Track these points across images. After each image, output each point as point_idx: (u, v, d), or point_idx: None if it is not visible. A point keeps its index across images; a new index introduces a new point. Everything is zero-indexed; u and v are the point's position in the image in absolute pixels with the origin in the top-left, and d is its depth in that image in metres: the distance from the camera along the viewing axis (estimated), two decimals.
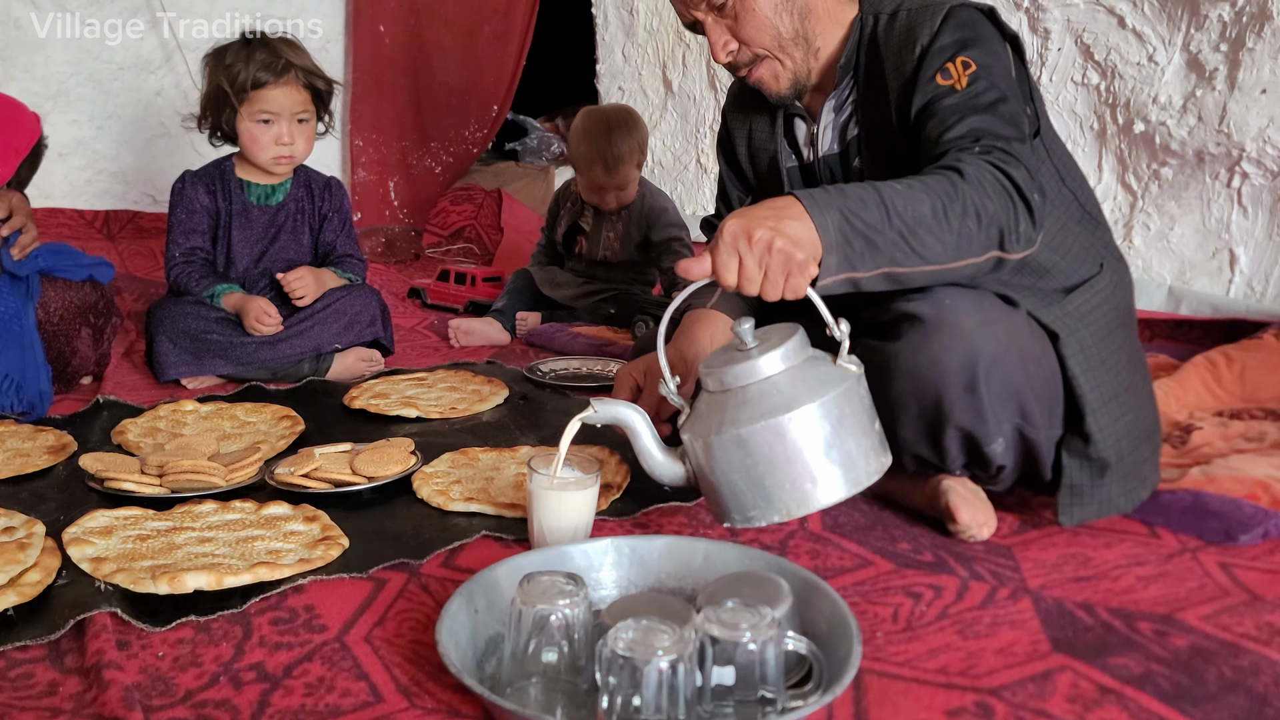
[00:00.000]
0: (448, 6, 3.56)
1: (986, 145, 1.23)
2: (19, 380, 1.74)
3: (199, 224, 2.17)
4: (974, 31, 1.32)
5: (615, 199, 2.58)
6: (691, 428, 1.14)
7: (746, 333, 1.12)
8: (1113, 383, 1.30)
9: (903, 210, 1.14)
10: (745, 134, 1.59)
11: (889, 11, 1.40)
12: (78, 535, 1.24)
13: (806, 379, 1.09)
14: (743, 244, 1.08)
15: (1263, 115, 1.95)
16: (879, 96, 1.39)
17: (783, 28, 1.39)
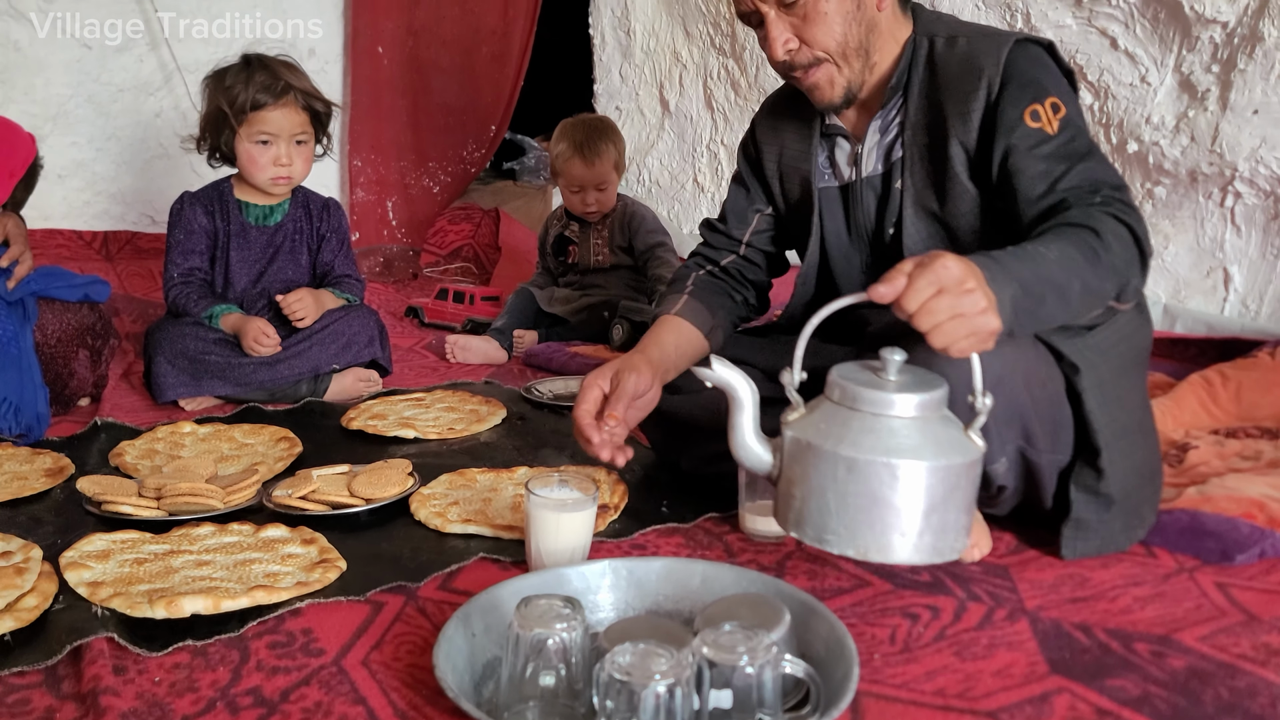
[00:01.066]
0: (446, 28, 3.59)
1: (1106, 197, 1.22)
2: (17, 403, 1.75)
3: (197, 245, 2.18)
4: (1048, 72, 1.32)
5: (596, 201, 2.62)
6: (803, 428, 1.11)
7: (894, 364, 1.08)
8: (1126, 419, 1.30)
9: (1064, 285, 1.13)
10: (777, 149, 1.57)
11: (947, 35, 1.39)
12: (75, 559, 1.24)
13: (938, 436, 1.06)
14: (953, 288, 1.03)
15: (1255, 135, 1.96)
16: (932, 121, 1.38)
17: (850, 35, 1.37)
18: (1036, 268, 1.11)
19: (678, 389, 1.57)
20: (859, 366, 1.13)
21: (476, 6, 3.59)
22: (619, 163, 2.64)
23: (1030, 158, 1.28)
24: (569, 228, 2.73)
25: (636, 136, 3.54)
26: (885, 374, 1.09)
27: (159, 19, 3.18)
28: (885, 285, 1.05)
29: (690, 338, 1.52)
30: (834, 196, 1.51)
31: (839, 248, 1.53)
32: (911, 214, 1.41)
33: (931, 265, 1.04)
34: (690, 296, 1.56)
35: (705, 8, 3.20)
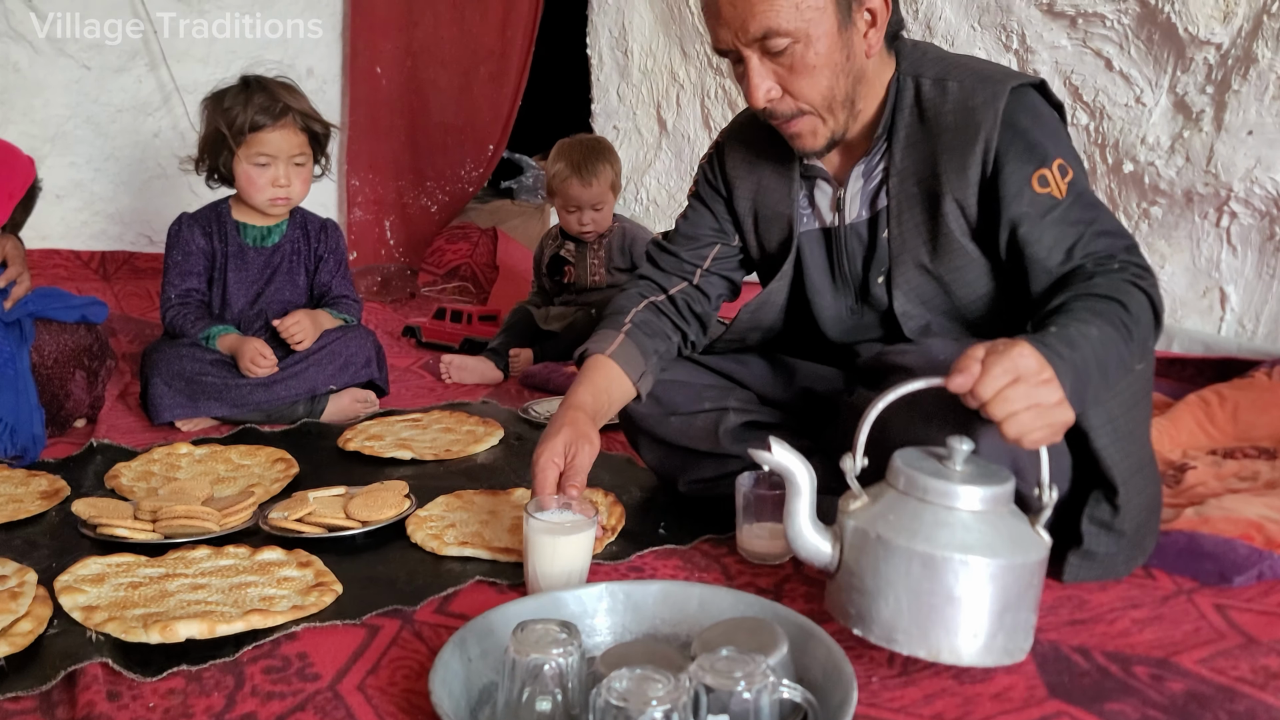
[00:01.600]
0: (444, 48, 3.61)
1: (1123, 262, 1.22)
2: (12, 424, 1.74)
3: (195, 266, 2.18)
4: (1046, 125, 1.30)
5: (592, 221, 2.61)
6: (869, 519, 1.06)
7: (961, 453, 1.05)
8: (1139, 454, 1.29)
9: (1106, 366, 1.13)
10: (752, 187, 1.50)
11: (934, 77, 1.33)
12: (69, 583, 1.24)
13: (1012, 532, 1.04)
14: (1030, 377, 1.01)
15: (1250, 156, 1.97)
16: (922, 171, 1.34)
17: (836, 89, 1.31)
18: (1086, 353, 1.10)
19: (675, 411, 1.57)
20: (922, 453, 1.10)
21: (475, 27, 3.60)
22: (615, 183, 2.64)
23: (1042, 226, 1.26)
24: (564, 247, 2.73)
25: (634, 156, 3.55)
26: (951, 463, 1.06)
27: (158, 19, 3.19)
28: (961, 375, 1.03)
29: (620, 385, 1.48)
30: (815, 239, 1.47)
31: (823, 290, 1.48)
32: (902, 266, 1.38)
33: (1007, 353, 1.02)
34: (626, 337, 1.49)
35: (702, 28, 3.21)
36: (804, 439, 1.55)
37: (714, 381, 1.59)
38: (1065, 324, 1.13)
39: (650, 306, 1.55)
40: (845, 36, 1.28)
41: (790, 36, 1.26)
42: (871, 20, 1.30)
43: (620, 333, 1.50)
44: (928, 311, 1.39)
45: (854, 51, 1.30)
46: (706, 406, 1.56)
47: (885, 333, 1.46)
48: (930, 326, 1.38)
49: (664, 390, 1.56)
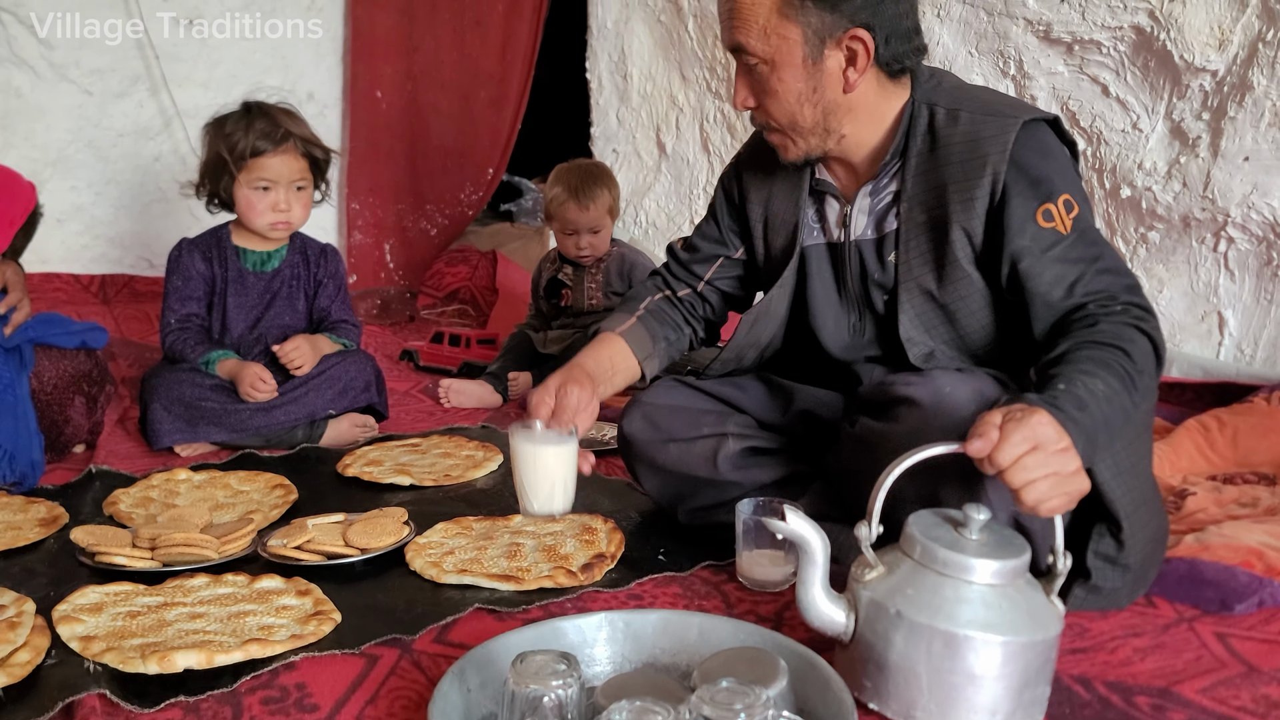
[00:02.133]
0: (444, 72, 3.63)
1: (1126, 304, 1.23)
2: (11, 450, 1.74)
3: (195, 291, 2.18)
4: (1055, 161, 1.30)
5: (589, 245, 2.60)
6: (886, 593, 1.05)
7: (978, 521, 1.05)
8: (1142, 487, 1.29)
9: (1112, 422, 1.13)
10: (764, 197, 1.54)
11: (947, 107, 1.35)
12: (67, 613, 1.23)
13: (1030, 606, 1.04)
14: (1047, 445, 1.02)
15: (1246, 182, 1.98)
16: (932, 200, 1.35)
17: (801, 116, 1.36)
18: (1095, 413, 1.10)
19: (673, 437, 1.57)
20: (937, 519, 1.09)
21: (475, 52, 3.62)
22: (614, 208, 2.64)
23: (1045, 261, 1.27)
24: (562, 270, 2.72)
25: (633, 179, 3.57)
26: (968, 532, 1.05)
27: (160, 44, 3.21)
28: (979, 441, 1.03)
29: (626, 361, 1.56)
30: (822, 254, 1.49)
31: (827, 305, 1.50)
32: (908, 292, 1.39)
33: (1025, 421, 1.03)
34: (638, 321, 1.59)
35: (701, 53, 3.23)
36: (802, 463, 1.56)
37: (712, 406, 1.59)
38: (1071, 379, 1.13)
39: (666, 298, 1.64)
40: (813, 70, 1.32)
41: (757, 57, 1.33)
42: (850, 59, 1.33)
43: (633, 316, 1.59)
44: (931, 339, 1.39)
45: (823, 85, 1.34)
46: (705, 432, 1.56)
47: (885, 351, 1.47)
48: (934, 354, 1.38)
49: (662, 416, 1.58)
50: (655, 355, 1.58)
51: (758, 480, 1.55)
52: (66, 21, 3.09)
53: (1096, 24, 2.17)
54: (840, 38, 1.31)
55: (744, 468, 1.55)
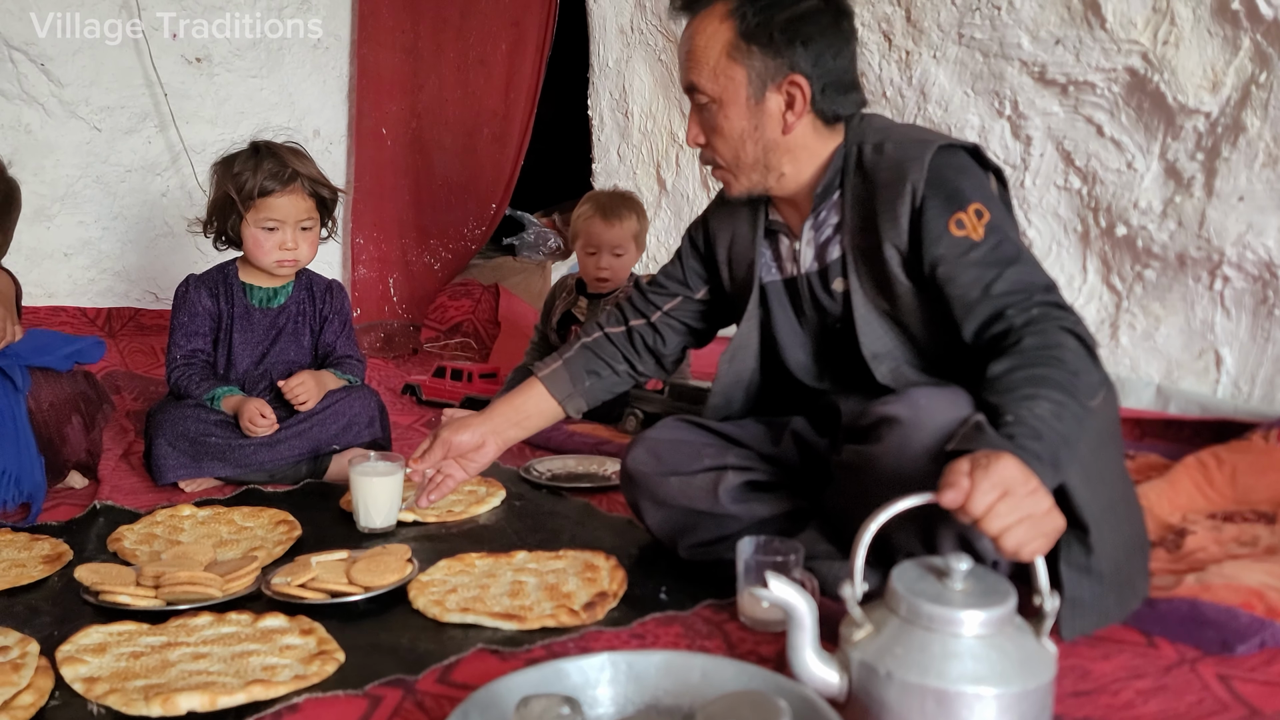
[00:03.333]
0: (448, 110, 3.67)
1: (1042, 304, 1.28)
2: (15, 473, 1.75)
3: (201, 327, 2.20)
4: (970, 177, 1.38)
5: (610, 269, 2.59)
6: (875, 653, 1.05)
7: (960, 572, 1.05)
8: (1109, 492, 1.32)
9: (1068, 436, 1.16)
10: (729, 238, 1.64)
11: (874, 142, 1.45)
12: (71, 653, 1.24)
13: (1022, 654, 1.03)
14: (1017, 489, 1.05)
15: (1241, 221, 2.00)
16: (866, 225, 1.44)
17: (744, 153, 1.47)
18: (1051, 438, 1.13)
19: (675, 470, 1.59)
20: (920, 571, 1.09)
21: (479, 89, 3.67)
22: (640, 238, 2.64)
23: (959, 265, 1.34)
24: (576, 304, 2.71)
25: None
26: (951, 582, 1.05)
27: (168, 82, 3.25)
28: (950, 492, 1.06)
29: (541, 404, 1.70)
30: (780, 290, 1.58)
31: (792, 337, 1.59)
32: (865, 313, 1.46)
33: (992, 467, 1.05)
34: (563, 364, 1.70)
35: None
36: (800, 499, 1.57)
37: (712, 440, 1.64)
38: (1017, 410, 1.16)
39: (604, 336, 1.73)
40: (755, 109, 1.44)
41: (708, 96, 1.45)
42: (788, 103, 1.44)
43: (560, 359, 1.72)
44: (895, 355, 1.46)
45: (764, 125, 1.45)
46: (706, 464, 1.60)
47: (853, 376, 1.51)
48: (901, 369, 1.45)
49: (664, 449, 1.62)
50: (577, 394, 1.70)
51: (758, 514, 1.57)
52: (79, 61, 3.13)
53: (1091, 66, 2.21)
54: (780, 82, 1.42)
55: (744, 501, 1.58)
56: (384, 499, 1.72)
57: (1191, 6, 2.04)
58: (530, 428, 1.72)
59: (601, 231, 2.58)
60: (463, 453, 1.68)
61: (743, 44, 1.41)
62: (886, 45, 2.67)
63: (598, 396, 1.73)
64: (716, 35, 1.43)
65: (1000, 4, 2.36)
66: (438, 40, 3.61)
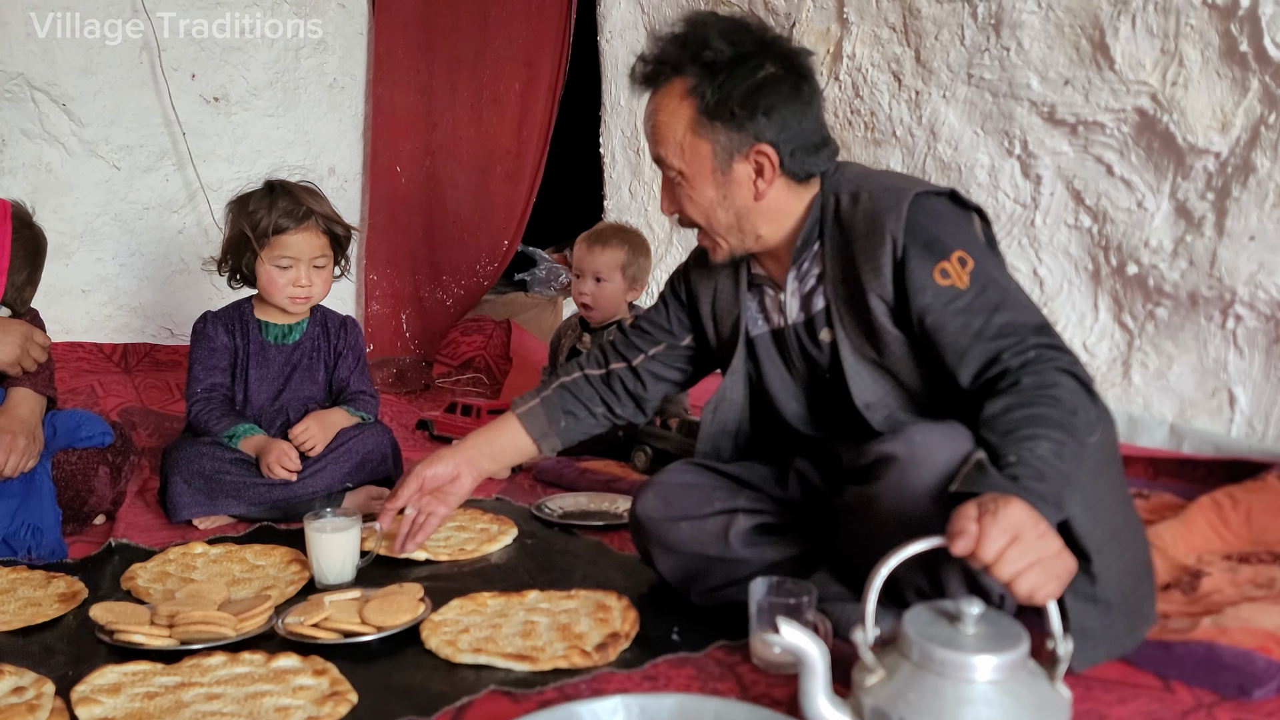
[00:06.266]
0: (462, 148, 3.71)
1: (1038, 347, 1.28)
2: (38, 525, 1.78)
3: (219, 362, 2.22)
4: (949, 223, 1.38)
5: (591, 295, 2.57)
6: (888, 699, 1.05)
7: (973, 617, 1.05)
8: (1111, 520, 1.32)
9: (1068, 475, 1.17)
10: (710, 293, 1.64)
11: (850, 192, 1.45)
12: (86, 694, 1.24)
13: (1034, 700, 1.02)
14: (1027, 533, 1.05)
15: (1252, 261, 2.01)
16: (848, 275, 1.44)
17: (715, 220, 1.48)
18: (1051, 476, 1.14)
19: (686, 515, 1.59)
20: (932, 616, 1.09)
21: (492, 128, 3.72)
22: (630, 269, 2.61)
23: (947, 314, 1.34)
24: (581, 340, 2.72)
25: None
26: (963, 626, 1.05)
27: (186, 121, 3.30)
28: (961, 539, 1.06)
29: (516, 441, 1.73)
30: (768, 341, 1.58)
31: (784, 388, 1.58)
32: (854, 364, 1.46)
33: (1000, 511, 1.06)
34: (541, 402, 1.72)
35: None
36: (810, 541, 1.57)
37: (721, 483, 1.63)
38: (1019, 451, 1.16)
39: (582, 378, 1.74)
40: (723, 180, 1.45)
41: (674, 169, 1.47)
42: (758, 171, 1.44)
43: (538, 398, 1.73)
44: (887, 402, 1.45)
45: (733, 194, 1.45)
46: (717, 508, 1.60)
47: (849, 423, 1.50)
48: (895, 415, 1.44)
49: (673, 494, 1.62)
50: (553, 434, 1.72)
51: (769, 558, 1.56)
52: (100, 101, 3.19)
53: (1100, 106, 2.22)
54: (747, 153, 1.43)
55: (755, 545, 1.57)
56: (337, 555, 1.69)
57: (1200, 48, 2.06)
58: (504, 461, 1.76)
59: (584, 255, 2.59)
60: (438, 485, 1.70)
61: (705, 120, 1.41)
62: (896, 85, 2.70)
63: (573, 437, 1.74)
64: (678, 113, 1.43)
65: (1009, 45, 2.39)
66: (452, 79, 3.66)
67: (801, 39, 2.89)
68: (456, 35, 3.64)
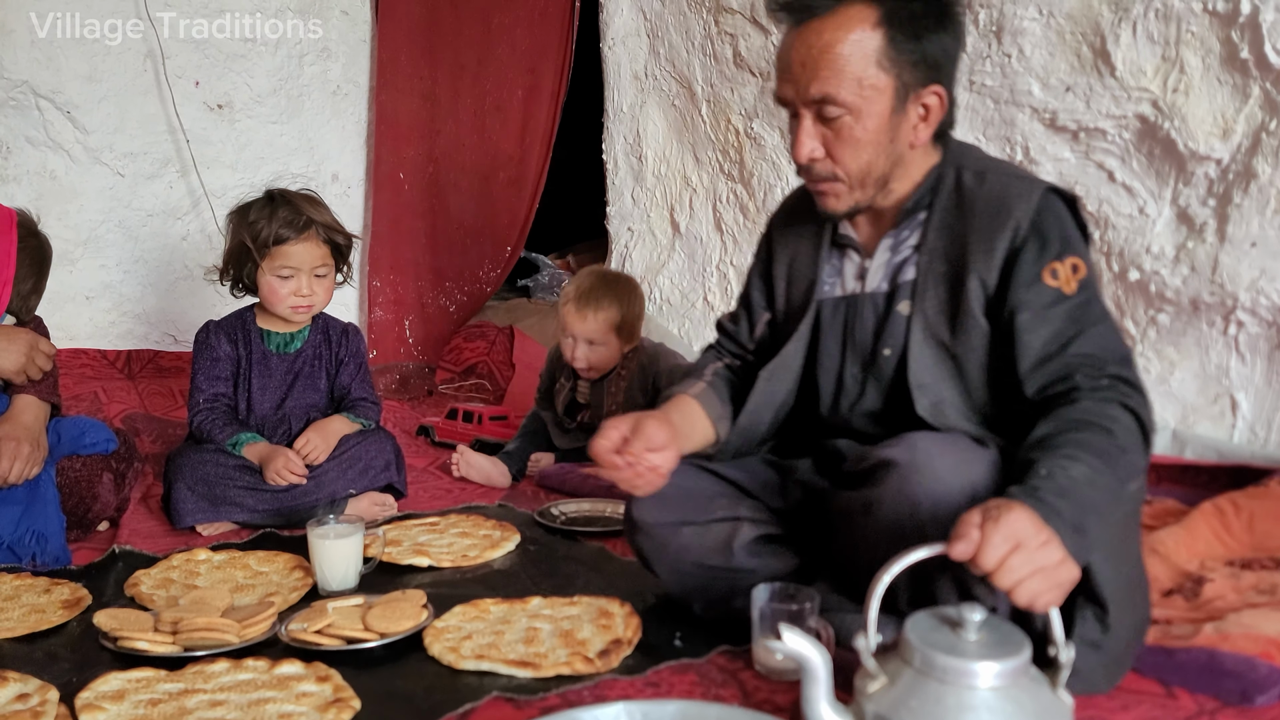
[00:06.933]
0: (465, 155, 3.72)
1: (1113, 378, 1.25)
2: (43, 531, 1.78)
3: (222, 371, 2.23)
4: (1072, 227, 1.35)
5: (585, 359, 2.44)
6: (890, 706, 1.05)
7: (974, 624, 1.05)
8: (1130, 573, 1.30)
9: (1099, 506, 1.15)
10: (789, 255, 1.58)
11: (976, 169, 1.40)
12: (90, 700, 1.25)
13: (1035, 707, 1.02)
14: (1029, 541, 1.04)
15: (1254, 267, 2.01)
16: (952, 251, 1.39)
17: (875, 165, 1.38)
18: (1081, 499, 1.12)
19: (688, 520, 1.56)
20: (934, 622, 1.09)
21: (495, 134, 3.72)
22: (626, 327, 2.47)
23: (1043, 316, 1.30)
24: (578, 390, 2.57)
25: (648, 257, 3.62)
26: (965, 633, 1.05)
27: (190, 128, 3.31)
28: (961, 543, 1.05)
29: (701, 422, 1.54)
30: (833, 307, 1.51)
31: (832, 357, 1.51)
32: (920, 341, 1.40)
33: (1004, 519, 1.04)
34: (708, 385, 1.59)
35: (714, 135, 3.31)
36: (810, 553, 1.56)
37: (723, 490, 1.58)
38: (1052, 464, 1.15)
39: (726, 366, 1.65)
40: (895, 121, 1.35)
41: (845, 108, 1.33)
42: (924, 115, 1.37)
43: (702, 380, 1.60)
44: (941, 387, 1.40)
45: (899, 137, 1.37)
46: (719, 515, 1.55)
47: (884, 407, 1.47)
48: (943, 403, 1.39)
49: (673, 498, 1.53)
50: (726, 417, 1.57)
51: (773, 569, 1.54)
52: (104, 109, 3.20)
53: (1101, 113, 2.23)
54: (920, 93, 1.35)
55: (759, 555, 1.54)
56: (340, 561, 1.70)
57: (1200, 55, 2.06)
58: (695, 443, 1.52)
59: (573, 319, 2.42)
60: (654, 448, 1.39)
61: (892, 52, 1.31)
62: None
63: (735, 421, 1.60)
64: (862, 42, 1.31)
65: (1010, 51, 2.39)
66: (455, 86, 3.67)
67: None
68: (460, 42, 3.65)
